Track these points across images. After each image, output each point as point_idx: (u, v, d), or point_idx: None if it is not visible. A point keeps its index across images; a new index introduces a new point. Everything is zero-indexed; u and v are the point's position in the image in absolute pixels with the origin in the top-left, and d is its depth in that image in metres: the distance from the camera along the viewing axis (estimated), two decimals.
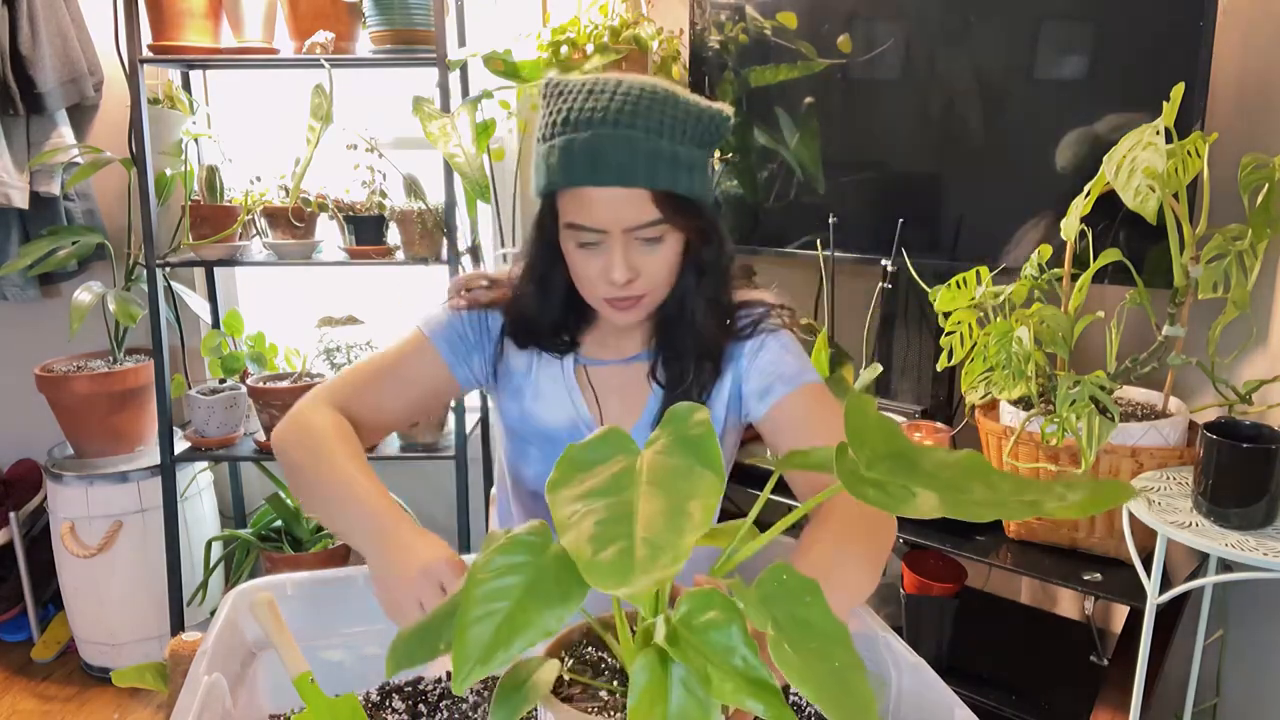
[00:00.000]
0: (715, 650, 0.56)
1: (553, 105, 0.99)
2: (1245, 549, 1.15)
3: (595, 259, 1.00)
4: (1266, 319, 1.52)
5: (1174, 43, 1.44)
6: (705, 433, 0.62)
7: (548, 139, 0.98)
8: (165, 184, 2.27)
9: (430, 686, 0.98)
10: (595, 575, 0.52)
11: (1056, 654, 1.68)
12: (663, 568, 0.52)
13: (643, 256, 1.00)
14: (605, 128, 0.95)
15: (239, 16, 2.09)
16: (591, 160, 0.95)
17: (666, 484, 0.59)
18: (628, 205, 0.96)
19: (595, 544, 0.54)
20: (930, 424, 1.68)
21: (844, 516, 0.92)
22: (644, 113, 0.95)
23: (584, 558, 0.53)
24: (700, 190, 1.01)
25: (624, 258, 0.99)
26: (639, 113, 0.95)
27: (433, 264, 2.10)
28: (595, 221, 0.98)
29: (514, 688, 0.64)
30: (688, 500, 0.56)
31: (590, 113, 0.95)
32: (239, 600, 0.96)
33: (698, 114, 0.98)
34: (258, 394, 2.18)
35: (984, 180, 1.70)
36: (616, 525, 0.55)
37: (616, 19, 2.00)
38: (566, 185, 0.98)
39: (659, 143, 0.95)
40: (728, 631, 0.56)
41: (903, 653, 0.87)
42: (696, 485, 0.58)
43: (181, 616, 2.27)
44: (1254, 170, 1.31)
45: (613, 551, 0.53)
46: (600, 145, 0.94)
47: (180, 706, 0.77)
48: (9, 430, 2.58)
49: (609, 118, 0.95)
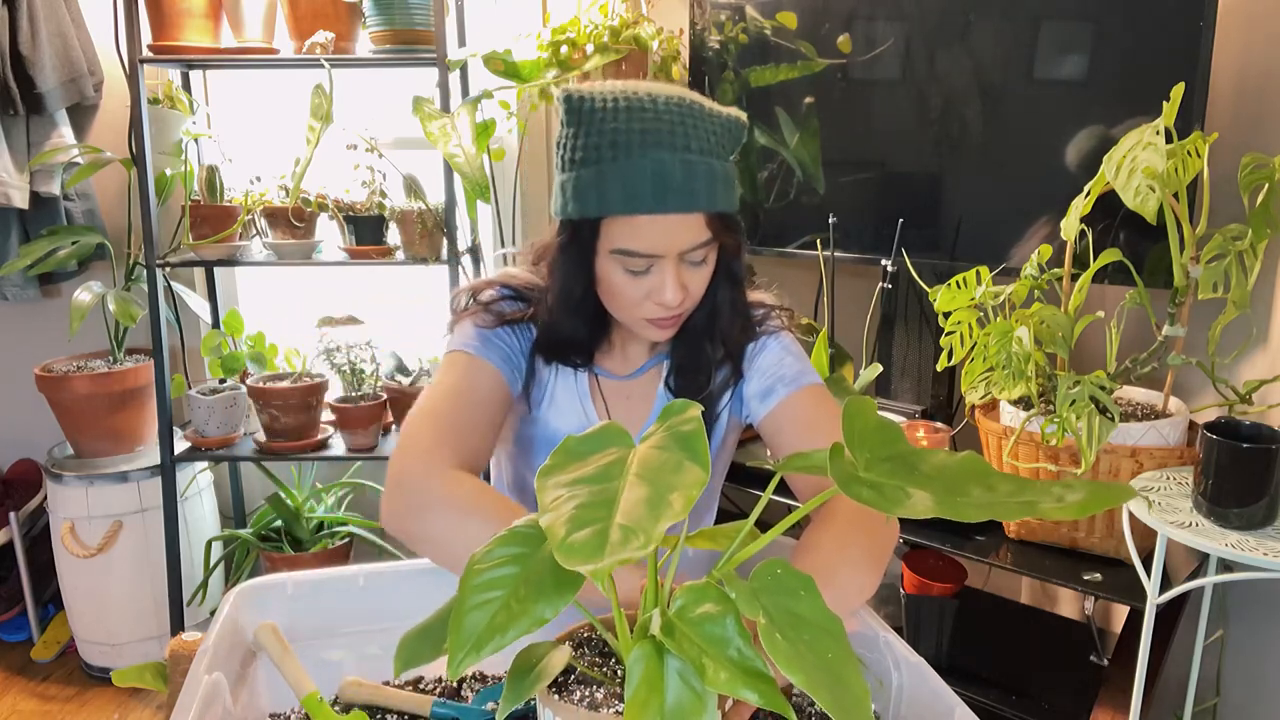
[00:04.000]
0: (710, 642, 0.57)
1: (587, 123, 0.94)
2: (1245, 549, 1.15)
3: (643, 282, 0.98)
4: (1266, 319, 1.52)
5: (1174, 43, 1.44)
6: (696, 429, 0.63)
7: (593, 161, 0.93)
8: (165, 184, 2.27)
9: (430, 686, 0.98)
10: (566, 553, 0.53)
11: (1056, 654, 1.68)
12: (633, 550, 0.53)
13: (690, 275, 0.99)
14: (663, 151, 0.91)
15: (239, 16, 2.09)
16: (655, 188, 0.91)
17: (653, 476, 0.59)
18: (685, 230, 0.95)
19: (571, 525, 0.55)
20: (930, 424, 1.68)
21: (845, 518, 0.92)
22: (693, 132, 0.93)
23: (558, 537, 0.54)
24: (737, 203, 1.01)
25: (676, 279, 0.97)
26: (690, 133, 0.93)
27: (433, 264, 2.10)
28: (651, 248, 0.95)
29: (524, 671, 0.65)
30: (670, 491, 0.57)
31: (641, 135, 0.92)
32: (239, 599, 0.96)
33: (724, 124, 0.97)
34: (258, 394, 2.18)
35: (984, 180, 1.70)
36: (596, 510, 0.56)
37: (616, 19, 2.00)
38: (627, 213, 0.93)
39: (712, 163, 0.94)
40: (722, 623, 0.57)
41: (903, 653, 0.87)
42: (682, 478, 0.59)
43: (181, 616, 2.27)
44: (1254, 170, 1.31)
45: (588, 533, 0.54)
46: (663, 171, 0.91)
47: (180, 706, 0.77)
48: (9, 430, 2.58)
49: (664, 140, 0.91)
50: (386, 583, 1.01)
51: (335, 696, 0.94)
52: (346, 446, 2.22)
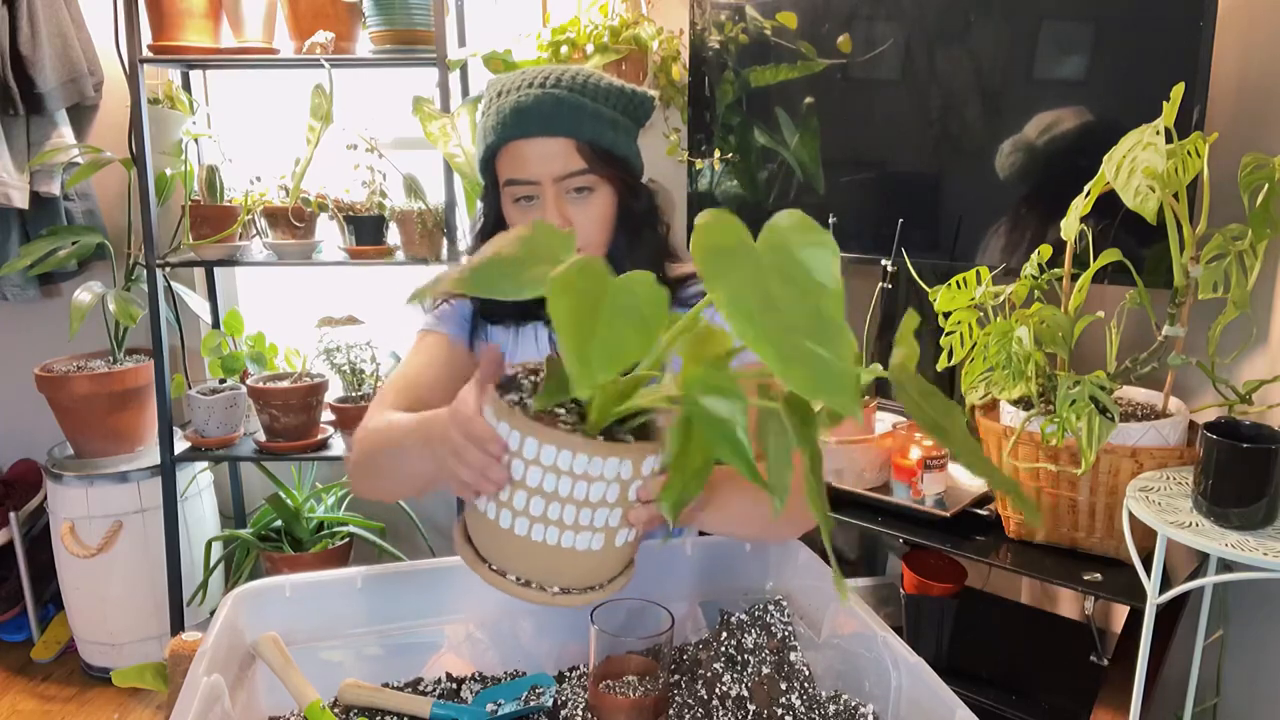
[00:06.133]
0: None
1: (490, 93, 1.10)
2: (1245, 549, 1.15)
3: (531, 213, 1.07)
4: (1266, 319, 1.52)
5: (1174, 43, 1.43)
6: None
7: (487, 113, 1.08)
8: (165, 184, 2.27)
9: (430, 687, 0.98)
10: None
11: (1056, 654, 1.68)
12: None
13: (574, 208, 1.07)
14: (532, 89, 1.05)
15: (239, 16, 2.09)
16: (519, 116, 1.04)
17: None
18: (556, 156, 1.05)
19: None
20: None
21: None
22: (568, 81, 1.06)
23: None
24: (625, 149, 1.09)
25: (556, 207, 1.06)
26: (563, 79, 1.06)
27: (433, 264, 2.10)
28: (527, 173, 1.06)
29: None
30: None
31: (518, 82, 1.07)
32: (237, 602, 0.96)
33: (620, 89, 1.09)
34: (258, 394, 2.19)
35: (984, 180, 1.69)
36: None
37: (616, 19, 2.00)
38: (500, 143, 1.06)
39: (582, 100, 1.05)
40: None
41: (903, 653, 0.87)
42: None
43: (181, 616, 2.27)
44: (1254, 170, 1.31)
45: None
46: (526, 103, 1.04)
47: (180, 707, 0.77)
48: (9, 430, 2.59)
49: (535, 83, 1.06)
50: (384, 584, 1.01)
51: (334, 699, 0.94)
52: (347, 446, 2.22)
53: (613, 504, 0.70)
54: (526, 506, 0.70)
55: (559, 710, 0.91)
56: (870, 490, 1.65)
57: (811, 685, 0.94)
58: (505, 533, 0.72)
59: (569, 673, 0.99)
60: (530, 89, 1.05)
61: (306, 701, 0.87)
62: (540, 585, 0.73)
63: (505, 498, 0.71)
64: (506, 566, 0.73)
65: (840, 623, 0.96)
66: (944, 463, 1.62)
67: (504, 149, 1.07)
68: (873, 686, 0.89)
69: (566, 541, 0.71)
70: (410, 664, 0.98)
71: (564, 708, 0.91)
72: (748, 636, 0.97)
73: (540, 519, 0.70)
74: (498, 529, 0.72)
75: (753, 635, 0.97)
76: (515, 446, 0.69)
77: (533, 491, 0.70)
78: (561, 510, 0.70)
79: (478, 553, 0.75)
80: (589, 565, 0.73)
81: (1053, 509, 1.44)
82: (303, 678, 0.89)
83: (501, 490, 0.71)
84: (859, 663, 0.91)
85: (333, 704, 0.93)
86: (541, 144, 1.05)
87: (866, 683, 0.90)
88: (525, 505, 0.70)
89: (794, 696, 0.91)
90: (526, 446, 0.69)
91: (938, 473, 1.60)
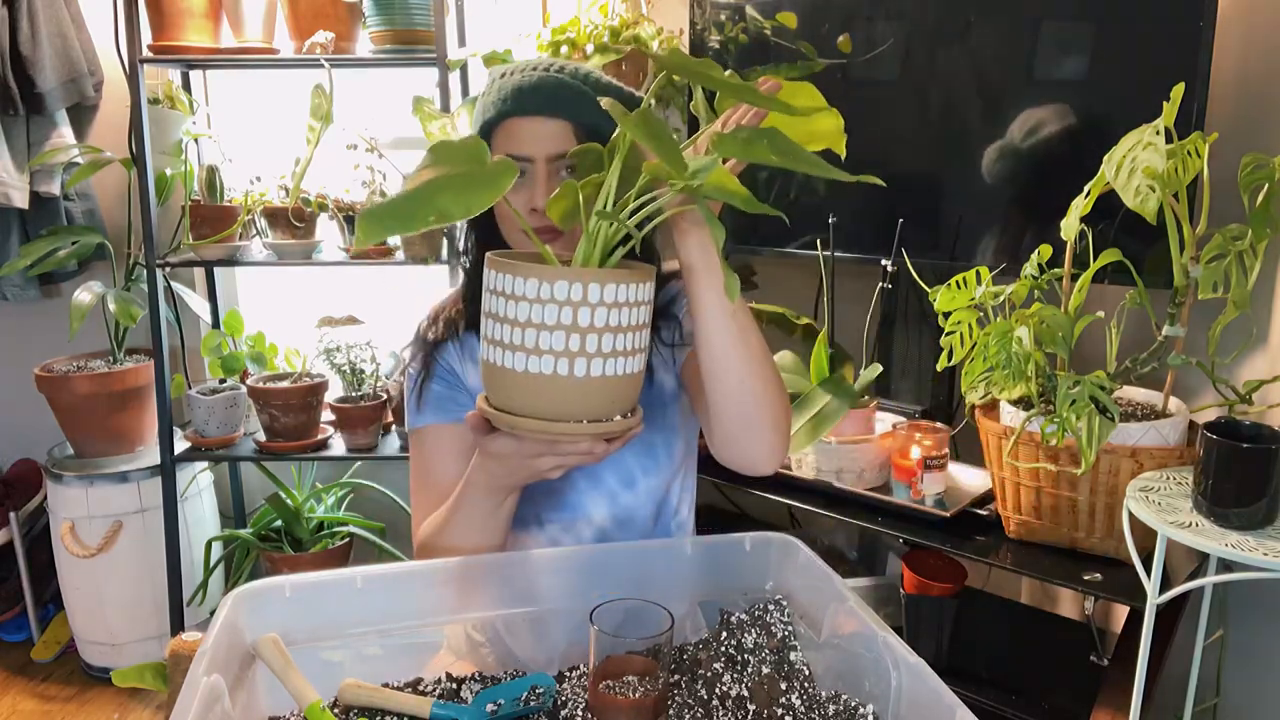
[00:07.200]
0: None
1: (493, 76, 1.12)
2: (1245, 549, 1.15)
3: (521, 191, 1.08)
4: (1266, 319, 1.52)
5: (1174, 43, 1.43)
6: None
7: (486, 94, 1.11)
8: (165, 184, 2.27)
9: (430, 687, 0.98)
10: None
11: (1056, 654, 1.68)
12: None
13: None
14: (535, 72, 1.08)
15: (239, 16, 2.09)
16: (521, 94, 1.06)
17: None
18: (553, 135, 1.07)
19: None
20: (930, 424, 1.68)
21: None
22: (570, 69, 1.09)
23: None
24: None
25: (546, 185, 1.07)
26: (565, 68, 1.09)
27: (432, 264, 2.10)
28: (521, 149, 1.07)
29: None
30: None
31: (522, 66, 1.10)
32: (237, 602, 0.96)
33: (619, 89, 1.11)
34: (258, 394, 2.19)
35: (984, 180, 1.69)
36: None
37: (616, 19, 2.00)
38: (498, 118, 1.08)
39: (582, 87, 1.07)
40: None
41: (903, 653, 0.87)
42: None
43: (181, 616, 2.27)
44: (1254, 170, 1.31)
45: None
46: (529, 82, 1.07)
47: (179, 708, 0.77)
48: (9, 430, 2.59)
49: (539, 67, 1.09)
50: (384, 584, 1.01)
51: (334, 699, 0.94)
52: (346, 446, 2.22)
53: (617, 328, 0.82)
54: (536, 343, 0.81)
55: (559, 710, 0.91)
56: (870, 490, 1.65)
57: (811, 685, 0.94)
58: (529, 377, 0.82)
59: (569, 673, 0.99)
60: (534, 71, 1.08)
61: (306, 702, 0.87)
62: (571, 419, 0.84)
63: (518, 340, 0.82)
64: (532, 410, 0.84)
65: (840, 623, 0.95)
66: (944, 463, 1.62)
67: (501, 125, 1.08)
68: (873, 687, 0.89)
69: (579, 370, 0.82)
70: (410, 664, 0.98)
71: (564, 708, 0.91)
72: (748, 636, 0.97)
73: (564, 353, 0.81)
74: (518, 377, 0.83)
75: (753, 635, 0.97)
76: (519, 291, 0.81)
77: (540, 328, 0.81)
78: (567, 340, 0.81)
79: (500, 410, 0.86)
80: (610, 393, 0.85)
81: (1053, 509, 1.44)
82: (303, 678, 0.89)
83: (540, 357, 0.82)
84: (859, 663, 0.91)
85: (333, 704, 0.93)
86: (540, 123, 1.07)
87: (866, 683, 0.90)
88: (535, 343, 0.81)
89: (794, 696, 0.91)
90: (528, 287, 0.81)
91: (938, 473, 1.60)
